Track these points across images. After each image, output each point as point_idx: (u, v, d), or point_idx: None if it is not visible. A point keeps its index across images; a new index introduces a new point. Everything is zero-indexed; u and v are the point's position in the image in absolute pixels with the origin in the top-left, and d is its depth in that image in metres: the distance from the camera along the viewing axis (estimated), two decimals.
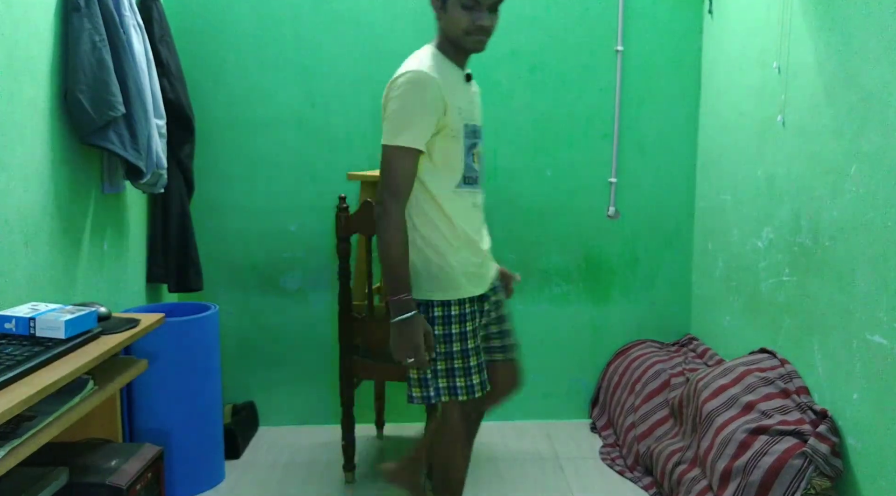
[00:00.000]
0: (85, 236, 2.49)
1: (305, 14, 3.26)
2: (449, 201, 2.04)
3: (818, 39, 2.32)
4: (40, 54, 2.20)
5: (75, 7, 2.26)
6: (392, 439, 3.32)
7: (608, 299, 3.48)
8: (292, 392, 3.45)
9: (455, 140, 2.01)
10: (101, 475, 1.91)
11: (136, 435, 2.64)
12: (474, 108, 2.11)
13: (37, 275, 2.18)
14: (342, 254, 2.73)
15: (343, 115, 3.32)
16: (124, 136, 2.40)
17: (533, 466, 3.03)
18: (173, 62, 2.91)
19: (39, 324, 1.78)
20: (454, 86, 2.01)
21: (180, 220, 3.04)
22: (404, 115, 1.95)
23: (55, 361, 1.68)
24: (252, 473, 2.99)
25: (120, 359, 2.12)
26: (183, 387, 2.67)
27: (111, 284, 2.69)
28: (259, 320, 3.41)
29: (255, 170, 3.33)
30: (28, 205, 2.14)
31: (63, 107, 2.30)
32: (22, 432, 1.55)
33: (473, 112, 2.09)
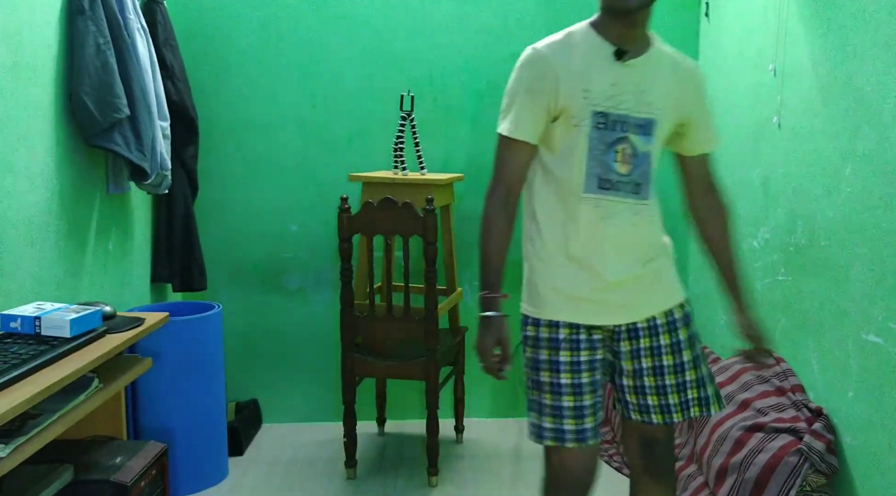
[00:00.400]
0: (90, 236, 2.52)
1: (307, 16, 3.28)
2: (548, 206, 1.70)
3: (814, 42, 2.34)
4: (45, 57, 2.23)
5: (80, 10, 2.28)
6: (393, 436, 3.34)
7: None
8: (295, 390, 3.48)
9: (578, 130, 1.60)
10: (105, 472, 1.92)
11: (141, 432, 2.66)
12: (625, 93, 1.60)
13: (42, 275, 2.20)
14: (344, 255, 2.76)
15: (345, 116, 3.34)
16: (129, 138, 2.43)
17: (532, 463, 3.05)
18: (177, 64, 2.93)
19: (45, 323, 1.80)
20: (586, 64, 1.61)
21: (184, 220, 3.07)
22: (506, 99, 1.69)
23: (60, 360, 1.70)
24: (255, 470, 3.01)
25: (124, 358, 2.14)
26: (187, 385, 2.70)
27: (116, 284, 2.72)
28: (262, 319, 3.44)
29: (257, 171, 3.35)
30: (33, 205, 2.16)
31: (68, 109, 2.33)
32: (27, 430, 1.57)
33: (621, 97, 1.60)
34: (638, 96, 1.61)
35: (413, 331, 2.78)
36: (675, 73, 1.67)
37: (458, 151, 3.37)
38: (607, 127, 1.60)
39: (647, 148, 1.64)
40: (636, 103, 1.61)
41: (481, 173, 3.36)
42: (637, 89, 1.61)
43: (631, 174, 1.62)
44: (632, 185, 1.63)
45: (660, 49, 1.67)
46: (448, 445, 3.20)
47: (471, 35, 3.31)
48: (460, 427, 3.29)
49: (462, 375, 3.23)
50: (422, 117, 3.25)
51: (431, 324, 2.75)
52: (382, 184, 2.94)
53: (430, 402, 2.83)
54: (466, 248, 3.37)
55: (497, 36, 3.29)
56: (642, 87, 1.62)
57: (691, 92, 1.70)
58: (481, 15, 3.29)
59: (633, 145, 1.62)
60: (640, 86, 1.62)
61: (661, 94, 1.63)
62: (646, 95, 1.61)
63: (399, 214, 2.70)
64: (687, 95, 1.69)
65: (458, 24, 3.31)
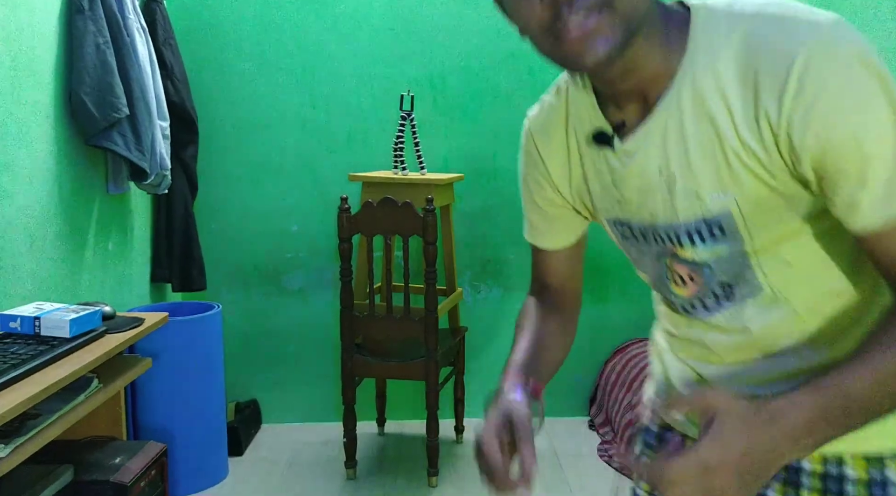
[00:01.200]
0: (90, 236, 2.52)
1: (307, 16, 3.28)
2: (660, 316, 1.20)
3: None
4: (45, 57, 2.23)
5: (79, 10, 2.28)
6: (393, 436, 3.34)
7: (606, 298, 3.50)
8: (294, 390, 3.47)
9: (616, 239, 1.07)
10: (105, 472, 1.92)
11: (140, 432, 2.66)
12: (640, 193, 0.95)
13: (42, 275, 2.20)
14: (344, 255, 2.76)
15: (345, 116, 3.34)
16: (128, 138, 2.43)
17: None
18: (176, 64, 2.93)
19: (44, 323, 1.80)
20: (572, 148, 1.05)
21: (184, 220, 3.07)
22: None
23: (60, 360, 1.70)
24: (255, 470, 3.01)
25: (124, 358, 2.14)
26: (186, 385, 2.70)
27: (115, 284, 2.72)
28: (261, 319, 3.44)
29: (257, 171, 3.35)
30: (33, 205, 2.16)
31: (68, 108, 2.33)
32: (27, 430, 1.57)
33: (637, 200, 0.96)
34: (668, 190, 0.92)
35: (413, 331, 2.78)
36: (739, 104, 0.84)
37: (459, 151, 3.37)
38: (637, 238, 1.01)
39: (719, 253, 0.93)
40: (668, 201, 0.93)
41: (481, 173, 3.36)
42: (655, 182, 0.93)
43: (699, 294, 0.99)
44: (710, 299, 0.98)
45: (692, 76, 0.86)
46: (448, 445, 3.20)
47: (471, 35, 3.31)
48: (460, 427, 3.29)
49: (462, 375, 3.23)
50: (422, 117, 3.25)
51: (431, 325, 2.75)
52: (382, 183, 2.94)
53: (430, 403, 2.83)
54: (466, 248, 3.37)
55: (497, 36, 3.29)
56: (669, 174, 0.91)
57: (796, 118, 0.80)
58: (481, 15, 3.29)
59: (690, 259, 0.96)
60: (662, 174, 0.92)
61: (710, 172, 0.88)
62: (684, 182, 0.90)
63: (399, 214, 2.70)
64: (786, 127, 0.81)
65: (458, 24, 3.30)
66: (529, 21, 0.83)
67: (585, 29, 0.81)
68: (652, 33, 0.87)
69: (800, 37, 0.79)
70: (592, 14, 0.80)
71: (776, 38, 0.81)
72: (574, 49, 0.82)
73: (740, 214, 0.90)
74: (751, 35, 0.83)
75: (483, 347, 3.46)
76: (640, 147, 0.93)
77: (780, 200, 0.88)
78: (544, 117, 1.10)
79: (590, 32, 0.81)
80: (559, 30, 0.82)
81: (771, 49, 0.81)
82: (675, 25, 0.89)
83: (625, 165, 0.95)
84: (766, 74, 0.81)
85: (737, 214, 0.90)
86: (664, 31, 0.88)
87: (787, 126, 0.81)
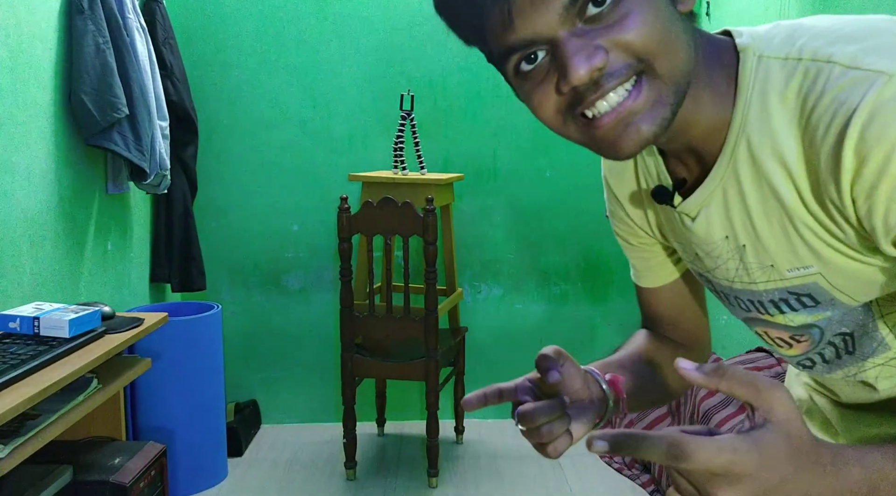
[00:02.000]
0: (89, 236, 2.51)
1: (307, 16, 3.28)
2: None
3: None
4: (44, 57, 2.22)
5: (79, 10, 2.28)
6: (393, 437, 3.34)
7: (607, 299, 3.50)
8: (294, 390, 3.47)
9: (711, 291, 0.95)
10: (104, 473, 1.92)
11: (140, 433, 2.66)
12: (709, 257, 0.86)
13: (41, 275, 2.20)
14: (344, 255, 2.75)
15: (345, 115, 3.34)
16: (128, 138, 2.42)
17: (532, 464, 3.04)
18: (176, 64, 2.93)
19: (43, 323, 1.79)
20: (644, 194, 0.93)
21: (184, 220, 3.06)
22: None
23: (59, 360, 1.69)
24: (254, 471, 3.01)
25: (123, 358, 2.13)
26: (186, 385, 2.69)
27: (115, 284, 2.71)
28: (261, 319, 3.43)
29: (257, 170, 3.35)
30: (32, 205, 2.16)
31: (67, 108, 2.32)
32: (26, 430, 1.57)
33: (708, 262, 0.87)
34: (739, 259, 0.82)
35: (413, 331, 2.78)
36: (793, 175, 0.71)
37: (459, 151, 3.37)
38: (721, 297, 0.91)
39: (825, 316, 0.82)
40: (742, 270, 0.82)
41: (481, 173, 3.36)
42: (724, 249, 0.83)
43: (811, 352, 0.88)
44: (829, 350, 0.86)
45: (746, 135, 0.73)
46: (448, 446, 3.19)
47: None
48: (460, 428, 3.28)
49: (462, 376, 3.23)
50: (422, 117, 3.24)
51: (431, 325, 2.74)
52: (382, 183, 2.94)
53: (430, 403, 2.82)
54: (466, 248, 3.37)
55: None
56: (737, 244, 0.81)
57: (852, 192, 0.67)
58: None
59: (785, 324, 0.85)
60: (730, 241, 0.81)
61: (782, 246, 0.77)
62: (755, 255, 0.80)
63: (399, 214, 2.70)
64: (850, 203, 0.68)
65: None
66: (544, 110, 0.70)
67: (620, 112, 0.66)
68: (699, 83, 0.72)
69: (857, 93, 0.62)
70: (629, 92, 0.66)
71: (830, 97, 0.64)
72: (608, 138, 0.68)
73: (831, 286, 0.76)
74: (807, 91, 0.66)
75: (484, 347, 3.45)
76: (702, 210, 0.80)
77: (877, 270, 0.73)
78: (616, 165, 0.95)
79: (627, 115, 0.66)
80: (586, 117, 0.67)
81: (824, 111, 0.65)
82: (721, 66, 0.74)
83: (688, 227, 0.83)
84: (821, 145, 0.66)
85: (827, 286, 0.77)
86: (710, 74, 0.73)
87: (854, 207, 0.66)
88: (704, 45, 0.74)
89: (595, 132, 0.68)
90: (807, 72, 0.66)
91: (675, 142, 0.76)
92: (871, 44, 0.64)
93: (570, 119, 0.69)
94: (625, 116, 0.66)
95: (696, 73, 0.71)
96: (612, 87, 0.65)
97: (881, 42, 0.64)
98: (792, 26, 0.71)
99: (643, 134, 0.67)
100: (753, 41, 0.72)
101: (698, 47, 0.72)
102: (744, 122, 0.72)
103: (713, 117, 0.73)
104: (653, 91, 0.66)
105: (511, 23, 0.65)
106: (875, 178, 0.62)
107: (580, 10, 0.64)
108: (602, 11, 0.64)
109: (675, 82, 0.67)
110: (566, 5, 0.64)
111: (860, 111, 0.61)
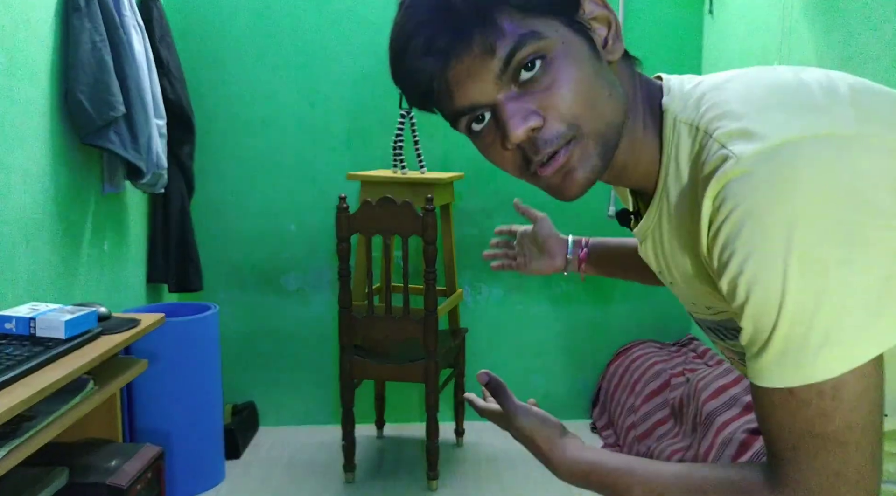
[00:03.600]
0: (85, 236, 2.49)
1: (305, 13, 3.26)
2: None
3: (818, 39, 2.32)
4: (40, 54, 2.20)
5: (75, 7, 2.26)
6: (392, 439, 3.32)
7: (609, 299, 3.48)
8: (292, 392, 3.45)
9: None
10: (101, 475, 1.90)
11: (137, 435, 2.64)
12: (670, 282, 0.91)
13: (37, 276, 2.18)
14: (342, 254, 2.73)
15: (343, 114, 3.32)
16: (124, 136, 2.41)
17: (532, 467, 3.02)
18: (173, 62, 2.91)
19: (39, 324, 1.78)
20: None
21: (180, 219, 3.04)
22: None
23: (55, 361, 1.68)
24: (252, 473, 2.98)
25: (120, 360, 2.12)
26: (183, 387, 2.67)
27: (111, 284, 2.69)
28: (259, 320, 3.41)
29: (255, 169, 3.33)
30: (28, 205, 2.14)
31: (63, 107, 2.31)
32: (22, 432, 1.55)
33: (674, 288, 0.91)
34: (675, 289, 0.91)
35: (412, 332, 2.76)
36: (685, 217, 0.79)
37: (458, 150, 3.35)
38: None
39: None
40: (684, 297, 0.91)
41: (481, 172, 3.34)
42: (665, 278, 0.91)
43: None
44: None
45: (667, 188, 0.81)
46: (448, 449, 3.17)
47: None
48: (460, 430, 3.26)
49: (462, 377, 3.21)
50: (421, 115, 3.23)
51: (431, 326, 2.72)
52: (381, 183, 2.92)
53: (430, 405, 2.80)
54: (466, 248, 3.35)
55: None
56: (670, 278, 0.89)
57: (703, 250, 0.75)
58: None
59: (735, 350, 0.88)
60: (664, 275, 0.91)
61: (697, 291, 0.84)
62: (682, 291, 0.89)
63: (398, 214, 2.68)
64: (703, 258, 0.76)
65: None
66: (504, 165, 0.81)
67: (556, 166, 0.76)
68: (637, 124, 0.81)
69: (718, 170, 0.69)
70: (561, 149, 0.75)
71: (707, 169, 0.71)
72: (553, 185, 0.79)
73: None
74: (696, 160, 0.74)
75: (484, 348, 3.44)
76: (644, 240, 0.89)
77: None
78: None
79: (562, 167, 0.77)
80: (534, 171, 0.78)
81: (702, 180, 0.72)
82: (653, 114, 0.82)
83: (646, 251, 0.91)
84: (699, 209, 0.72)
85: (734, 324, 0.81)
86: (645, 117, 0.82)
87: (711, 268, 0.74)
88: (642, 89, 0.82)
89: (542, 180, 0.79)
90: (700, 141, 0.74)
91: (621, 180, 0.85)
92: (745, 123, 0.70)
93: (526, 172, 0.80)
94: (561, 167, 0.76)
95: (633, 113, 0.80)
96: (548, 153, 0.75)
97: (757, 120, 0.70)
98: (707, 89, 0.77)
99: (579, 181, 0.78)
100: (673, 103, 0.79)
101: (635, 90, 0.81)
102: (665, 178, 0.80)
103: (648, 160, 0.82)
104: (580, 149, 0.76)
105: (451, 94, 0.75)
106: (712, 238, 0.70)
107: (513, 76, 0.73)
108: (534, 75, 0.73)
109: (601, 137, 0.76)
110: (499, 73, 0.73)
111: (712, 185, 0.69)
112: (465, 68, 0.73)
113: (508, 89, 0.73)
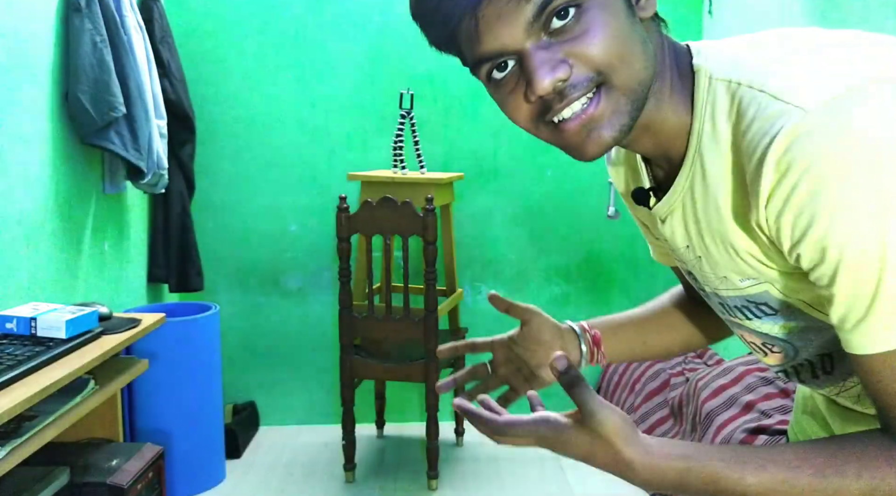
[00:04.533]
0: (86, 236, 2.50)
1: (306, 14, 3.26)
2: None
3: None
4: (41, 55, 2.20)
5: (76, 8, 2.26)
6: (392, 439, 3.32)
7: (608, 299, 3.49)
8: (293, 392, 3.45)
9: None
10: (102, 475, 1.91)
11: (137, 434, 2.64)
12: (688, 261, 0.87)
13: (38, 275, 2.18)
14: (342, 255, 2.74)
15: (343, 114, 3.32)
16: (125, 137, 2.41)
17: (533, 466, 3.03)
18: (174, 62, 2.91)
19: (40, 324, 1.78)
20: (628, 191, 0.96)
21: (181, 219, 3.05)
22: None
23: (56, 361, 1.68)
24: (253, 473, 2.99)
25: (121, 359, 2.12)
26: (184, 387, 2.68)
27: (112, 284, 2.69)
28: (260, 320, 3.41)
29: (255, 170, 3.33)
30: (29, 205, 2.14)
31: (64, 107, 2.31)
32: (23, 432, 1.55)
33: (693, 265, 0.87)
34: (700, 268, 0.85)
35: (412, 332, 2.76)
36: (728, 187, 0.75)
37: (459, 150, 3.35)
38: (704, 297, 0.92)
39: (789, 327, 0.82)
40: (707, 275, 0.85)
41: (481, 172, 3.35)
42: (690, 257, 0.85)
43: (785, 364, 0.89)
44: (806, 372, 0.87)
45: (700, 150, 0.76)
46: (448, 448, 3.18)
47: None
48: (460, 430, 3.26)
49: None
50: (421, 115, 3.23)
51: (431, 326, 2.73)
52: (382, 183, 2.92)
53: (430, 405, 2.80)
54: (466, 248, 3.35)
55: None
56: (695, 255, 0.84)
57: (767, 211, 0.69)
58: None
59: (757, 330, 0.86)
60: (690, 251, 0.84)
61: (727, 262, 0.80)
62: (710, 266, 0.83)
63: (398, 214, 2.68)
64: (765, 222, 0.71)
65: None
66: (517, 115, 0.75)
67: (584, 119, 0.72)
68: (664, 86, 0.77)
69: (777, 125, 0.65)
70: (590, 101, 0.71)
71: (757, 125, 0.68)
72: (573, 141, 0.74)
73: (783, 295, 0.78)
74: (741, 116, 0.71)
75: None
76: (669, 216, 0.83)
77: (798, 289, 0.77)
78: (613, 151, 0.98)
79: (588, 121, 0.72)
80: (554, 122, 0.73)
81: (752, 138, 0.68)
82: (681, 76, 0.77)
83: (661, 230, 0.86)
84: (746, 169, 0.69)
85: (778, 295, 0.79)
86: (673, 79, 0.77)
87: (768, 227, 0.70)
88: (669, 50, 0.78)
89: (562, 136, 0.74)
90: (743, 97, 0.70)
91: (641, 143, 0.80)
92: (797, 73, 0.67)
93: (541, 124, 0.74)
94: (587, 123, 0.72)
95: (660, 75, 0.75)
96: (575, 98, 0.71)
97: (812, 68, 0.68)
98: (740, 48, 0.75)
99: (604, 139, 0.73)
100: (706, 62, 0.76)
101: (663, 51, 0.77)
102: (699, 141, 0.76)
103: (676, 122, 0.77)
104: (610, 102, 0.71)
105: (479, 36, 0.70)
106: (782, 203, 0.66)
107: (545, 24, 0.69)
108: (566, 24, 0.69)
109: (632, 92, 0.72)
110: (531, 19, 0.68)
111: (777, 141, 0.65)
112: (498, 10, 0.69)
113: (538, 38, 0.69)
